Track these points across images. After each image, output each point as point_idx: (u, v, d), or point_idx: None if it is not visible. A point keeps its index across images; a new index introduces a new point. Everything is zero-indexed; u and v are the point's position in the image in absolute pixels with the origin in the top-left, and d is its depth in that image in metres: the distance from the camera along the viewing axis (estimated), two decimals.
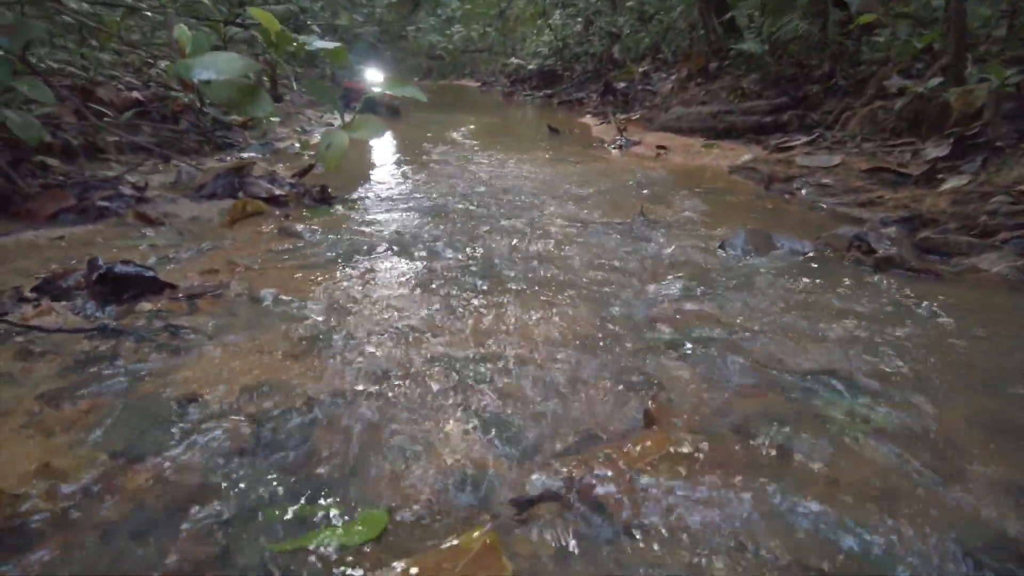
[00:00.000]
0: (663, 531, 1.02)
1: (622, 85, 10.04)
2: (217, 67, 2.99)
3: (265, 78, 6.38)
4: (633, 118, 7.96)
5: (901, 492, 1.14)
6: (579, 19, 14.07)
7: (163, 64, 5.90)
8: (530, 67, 16.05)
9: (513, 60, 17.58)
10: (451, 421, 1.36)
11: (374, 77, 9.10)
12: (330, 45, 3.43)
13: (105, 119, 4.30)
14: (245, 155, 5.20)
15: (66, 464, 1.15)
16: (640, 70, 10.50)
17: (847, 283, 2.21)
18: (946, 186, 3.39)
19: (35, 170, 3.45)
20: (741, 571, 0.95)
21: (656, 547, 0.99)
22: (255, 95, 3.22)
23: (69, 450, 1.19)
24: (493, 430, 1.32)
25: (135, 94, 5.20)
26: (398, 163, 5.19)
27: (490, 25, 19.84)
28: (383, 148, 6.18)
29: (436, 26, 20.77)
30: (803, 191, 3.89)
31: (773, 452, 1.24)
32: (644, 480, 1.12)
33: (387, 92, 3.45)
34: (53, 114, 4.01)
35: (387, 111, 8.49)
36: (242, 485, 1.12)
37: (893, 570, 0.96)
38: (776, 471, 1.18)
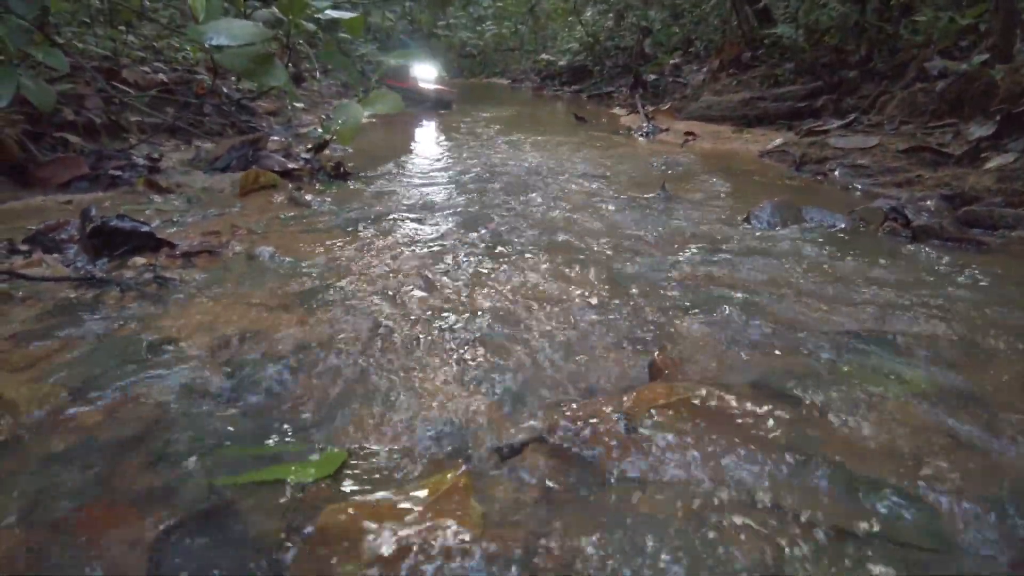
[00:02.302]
0: (659, 483, 0.90)
1: (652, 77, 9.85)
2: (230, 33, 2.95)
3: (290, 66, 6.34)
4: (663, 109, 7.77)
5: (941, 448, 1.00)
6: (610, 14, 13.89)
7: (188, 48, 5.94)
8: (561, 63, 15.91)
9: (544, 57, 17.46)
10: (439, 373, 1.25)
11: (424, 72, 8.57)
12: (346, 15, 3.38)
13: (128, 98, 4.30)
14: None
15: (21, 396, 1.07)
16: (671, 62, 10.31)
17: (881, 252, 2.06)
18: (991, 164, 3.18)
19: (55, 145, 3.45)
20: (747, 529, 0.82)
21: (645, 499, 0.87)
22: (269, 64, 3.17)
23: (28, 384, 1.12)
24: (483, 382, 1.21)
25: (160, 76, 5.22)
26: (421, 146, 5.13)
27: (522, 22, 19.76)
28: (407, 133, 6.12)
29: (467, 24, 20.74)
30: (836, 172, 3.71)
31: (793, 405, 1.11)
32: (640, 429, 1.00)
33: (401, 62, 3.34)
34: (77, 93, 4.02)
35: (437, 105, 8.15)
36: (202, 424, 1.03)
37: (935, 524, 0.83)
38: (795, 425, 1.05)
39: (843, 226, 2.40)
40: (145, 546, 0.74)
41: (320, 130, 5.80)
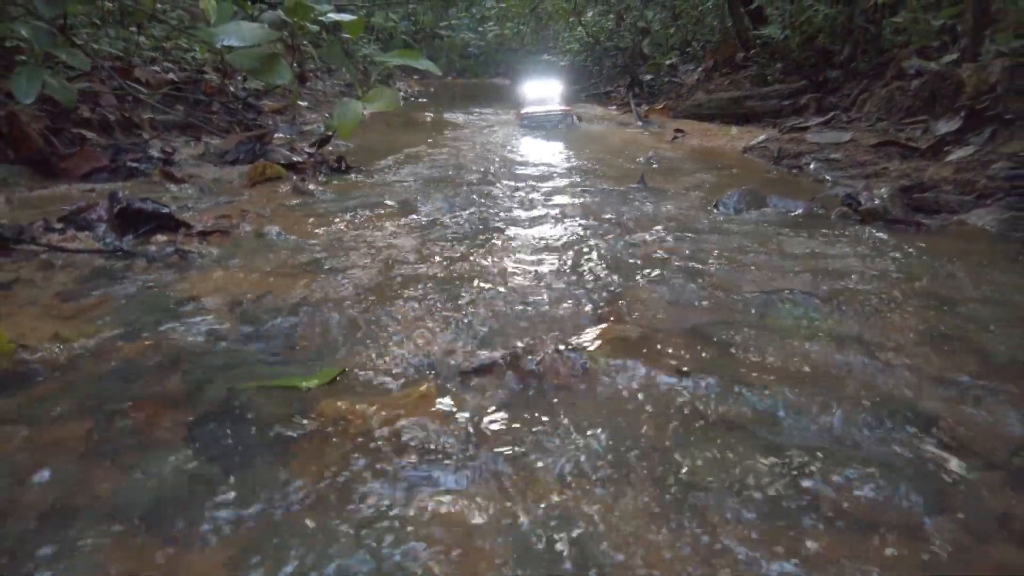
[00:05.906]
0: (590, 390, 1.12)
1: (648, 77, 10.08)
2: (240, 34, 3.18)
3: (295, 66, 6.57)
4: (657, 107, 7.99)
5: (832, 376, 1.22)
6: (611, 15, 14.11)
7: (196, 48, 6.18)
8: (562, 64, 16.15)
9: (545, 57, 17.69)
10: (421, 320, 1.48)
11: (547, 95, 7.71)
12: (347, 18, 3.61)
13: (141, 95, 4.54)
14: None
15: (74, 335, 1.30)
16: (668, 63, 10.53)
17: (828, 232, 2.27)
18: (951, 157, 3.39)
19: (73, 140, 3.69)
20: (650, 418, 1.04)
21: (576, 399, 1.09)
22: (275, 63, 3.40)
23: (76, 327, 1.35)
24: (457, 327, 1.43)
25: (170, 76, 5.46)
26: (421, 143, 5.35)
27: (523, 23, 19.99)
28: (410, 129, 6.35)
29: (470, 24, 21.01)
30: (811, 165, 3.92)
31: (713, 343, 1.33)
32: (582, 356, 1.22)
33: (399, 61, 3.56)
34: (93, 91, 4.26)
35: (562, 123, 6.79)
36: (223, 355, 1.25)
37: (808, 427, 1.04)
38: (709, 355, 1.27)
39: (801, 211, 2.62)
40: (184, 424, 0.97)
41: (323, 127, 6.05)
